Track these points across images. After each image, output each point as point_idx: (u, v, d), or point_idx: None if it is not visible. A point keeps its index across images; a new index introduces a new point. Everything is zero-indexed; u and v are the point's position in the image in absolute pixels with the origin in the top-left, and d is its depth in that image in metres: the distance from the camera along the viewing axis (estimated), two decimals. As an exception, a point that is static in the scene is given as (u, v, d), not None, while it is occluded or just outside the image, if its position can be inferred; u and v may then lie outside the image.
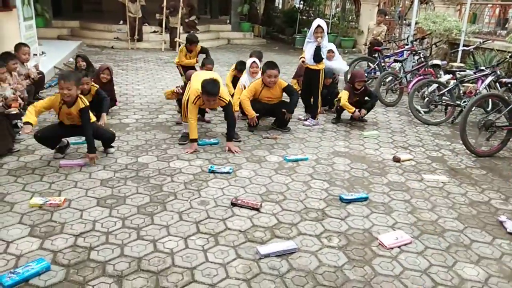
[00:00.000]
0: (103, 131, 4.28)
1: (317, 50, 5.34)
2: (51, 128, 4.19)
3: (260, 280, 2.50)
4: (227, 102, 4.54)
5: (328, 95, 6.21)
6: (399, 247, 2.90)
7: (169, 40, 12.24)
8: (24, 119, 3.80)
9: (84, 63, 6.11)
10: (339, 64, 6.54)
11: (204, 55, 6.59)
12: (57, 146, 4.20)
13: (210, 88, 4.32)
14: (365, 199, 3.59)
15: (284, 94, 5.36)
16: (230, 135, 4.64)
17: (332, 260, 2.73)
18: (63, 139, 4.24)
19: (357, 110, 5.63)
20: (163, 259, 2.64)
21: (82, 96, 3.97)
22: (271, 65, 5.09)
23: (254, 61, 5.62)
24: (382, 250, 2.87)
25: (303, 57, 5.63)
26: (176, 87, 5.41)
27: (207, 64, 5.98)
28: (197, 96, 4.41)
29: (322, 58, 5.45)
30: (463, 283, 2.57)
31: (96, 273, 2.49)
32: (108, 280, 2.44)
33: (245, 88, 5.39)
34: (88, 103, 3.96)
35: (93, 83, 5.10)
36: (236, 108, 5.11)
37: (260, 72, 5.61)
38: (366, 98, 5.79)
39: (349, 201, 3.53)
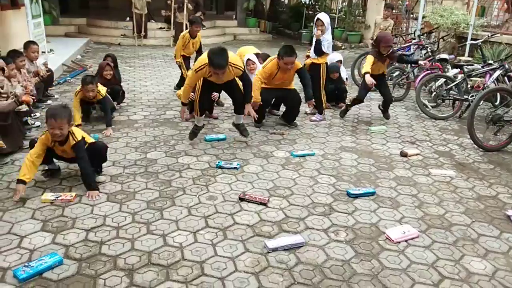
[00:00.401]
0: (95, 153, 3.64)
1: (316, 43, 5.38)
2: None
3: (268, 273, 2.53)
4: (242, 69, 4.22)
5: (335, 89, 6.22)
6: (406, 241, 2.92)
7: (174, 36, 12.30)
8: (19, 175, 3.28)
9: (112, 64, 5.92)
10: (342, 75, 6.57)
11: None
12: (47, 168, 3.72)
13: (217, 59, 3.90)
14: (372, 193, 3.60)
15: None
16: (247, 98, 4.48)
17: (339, 254, 2.76)
18: (55, 163, 3.76)
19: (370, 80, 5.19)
20: (173, 253, 2.68)
21: (72, 130, 3.44)
22: (289, 51, 4.84)
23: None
24: (389, 244, 2.89)
25: (309, 52, 5.67)
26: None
27: None
28: (202, 65, 4.08)
29: (323, 52, 5.43)
30: (470, 276, 2.59)
31: (107, 266, 2.54)
32: (120, 273, 2.48)
33: None
34: (80, 138, 3.47)
35: (99, 89, 4.91)
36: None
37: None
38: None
39: (356, 196, 3.55)
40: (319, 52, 5.42)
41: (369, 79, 5.17)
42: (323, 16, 5.42)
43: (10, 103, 4.21)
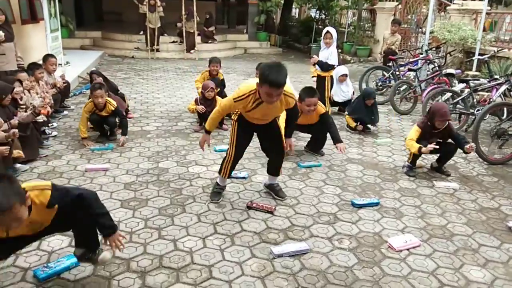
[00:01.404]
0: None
1: (319, 63, 5.78)
2: None
3: (273, 278, 2.65)
4: (295, 98, 3.35)
5: (371, 115, 5.83)
6: (408, 249, 3.01)
7: (185, 46, 12.61)
8: None
9: (100, 78, 5.93)
10: (347, 89, 6.54)
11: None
12: None
13: (275, 73, 2.90)
14: (377, 204, 3.71)
15: None
16: (289, 131, 3.83)
17: (342, 260, 2.86)
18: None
19: (428, 146, 4.18)
20: (183, 257, 2.82)
21: (34, 197, 2.18)
22: (310, 92, 4.51)
23: None
24: (391, 252, 2.99)
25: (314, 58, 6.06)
26: (196, 104, 5.59)
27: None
28: (247, 93, 3.13)
29: (330, 66, 5.79)
30: (468, 284, 2.68)
31: (121, 268, 2.68)
32: (132, 275, 2.62)
33: None
34: (48, 198, 2.22)
35: (111, 99, 4.99)
36: None
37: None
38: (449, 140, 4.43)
39: (361, 206, 3.65)
40: (325, 68, 5.80)
41: (426, 150, 4.19)
42: (332, 30, 5.93)
43: (28, 115, 4.40)
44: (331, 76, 5.92)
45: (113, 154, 4.64)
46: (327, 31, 5.87)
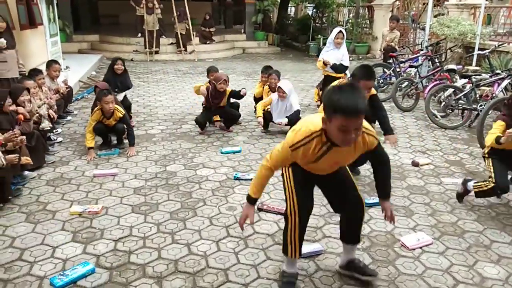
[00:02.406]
0: None
1: (334, 67, 5.89)
2: None
3: (290, 280, 2.65)
4: (377, 137, 2.34)
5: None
6: (420, 248, 3.03)
7: (181, 47, 12.63)
8: None
9: (123, 67, 5.87)
10: None
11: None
12: None
13: (349, 96, 1.98)
14: (386, 202, 3.71)
15: None
16: (388, 188, 2.82)
17: (357, 260, 2.87)
18: None
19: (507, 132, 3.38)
20: (198, 261, 2.82)
21: None
22: (368, 74, 3.76)
23: (279, 87, 5.53)
24: (404, 251, 3.00)
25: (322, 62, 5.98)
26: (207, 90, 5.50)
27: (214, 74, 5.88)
28: (308, 138, 2.18)
29: (345, 69, 5.93)
30: (484, 281, 2.69)
31: (137, 274, 2.68)
32: (149, 281, 2.63)
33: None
34: None
35: (118, 106, 4.83)
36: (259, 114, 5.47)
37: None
38: None
39: (371, 205, 3.66)
40: (339, 70, 5.93)
41: (507, 137, 3.33)
42: (343, 30, 6.02)
43: (23, 124, 4.21)
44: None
45: (120, 159, 4.64)
46: (340, 31, 5.86)
